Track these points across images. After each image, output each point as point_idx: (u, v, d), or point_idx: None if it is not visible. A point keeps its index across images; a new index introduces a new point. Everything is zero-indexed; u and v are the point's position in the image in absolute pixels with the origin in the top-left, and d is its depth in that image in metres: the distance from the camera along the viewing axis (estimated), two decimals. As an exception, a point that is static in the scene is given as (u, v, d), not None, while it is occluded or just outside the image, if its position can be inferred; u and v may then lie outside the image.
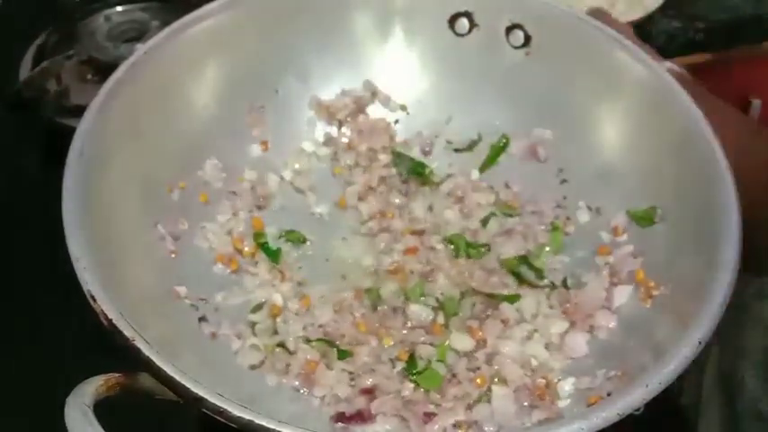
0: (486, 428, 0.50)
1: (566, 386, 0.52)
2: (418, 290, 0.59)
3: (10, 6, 0.88)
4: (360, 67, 0.69)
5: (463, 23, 0.67)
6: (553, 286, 0.59)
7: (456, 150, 0.68)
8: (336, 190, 0.66)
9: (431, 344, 0.56)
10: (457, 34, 0.68)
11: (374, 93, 0.69)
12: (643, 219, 0.59)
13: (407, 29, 0.68)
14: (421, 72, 0.69)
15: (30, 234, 0.68)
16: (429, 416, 0.50)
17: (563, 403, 0.51)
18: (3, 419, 0.57)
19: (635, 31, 0.69)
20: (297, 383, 0.53)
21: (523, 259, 0.60)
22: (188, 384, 0.43)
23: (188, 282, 0.57)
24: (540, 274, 0.60)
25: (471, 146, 0.67)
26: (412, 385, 0.53)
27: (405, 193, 0.66)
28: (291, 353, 0.55)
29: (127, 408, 0.45)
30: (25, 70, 0.79)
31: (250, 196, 0.64)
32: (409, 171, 0.66)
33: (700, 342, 0.46)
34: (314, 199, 0.65)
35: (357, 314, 0.57)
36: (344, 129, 0.68)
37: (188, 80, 0.62)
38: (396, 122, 0.69)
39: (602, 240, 0.60)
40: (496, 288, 0.59)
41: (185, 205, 0.60)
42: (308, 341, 0.55)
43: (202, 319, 0.56)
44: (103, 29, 0.84)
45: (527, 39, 0.66)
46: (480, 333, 0.56)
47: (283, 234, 0.62)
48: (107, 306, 0.46)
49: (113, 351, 0.45)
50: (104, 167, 0.54)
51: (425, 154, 0.68)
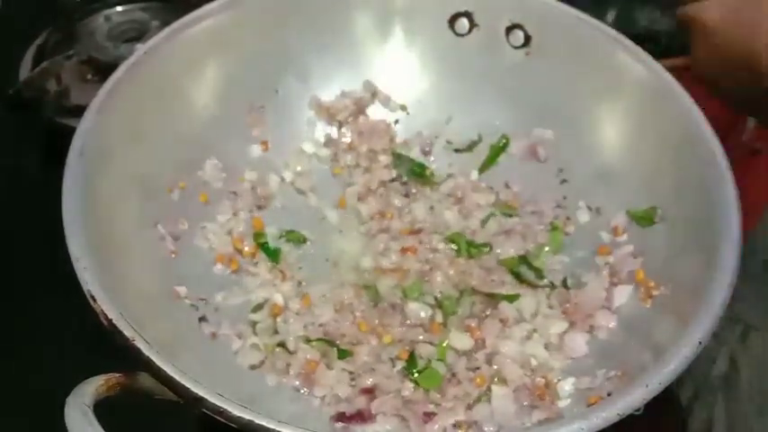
0: (485, 428, 0.50)
1: (566, 386, 0.52)
2: (417, 288, 0.59)
3: (10, 6, 0.88)
4: (360, 67, 0.69)
5: (463, 23, 0.67)
6: (553, 286, 0.59)
7: (456, 150, 0.68)
8: (336, 190, 0.66)
9: (430, 343, 0.56)
10: (457, 34, 0.68)
11: (374, 93, 0.69)
12: (643, 219, 0.59)
13: (407, 29, 0.68)
14: (421, 72, 0.69)
15: (30, 234, 0.68)
16: (429, 415, 0.50)
17: (563, 403, 0.51)
18: (3, 419, 0.57)
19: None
20: (297, 383, 0.53)
21: (523, 259, 0.60)
22: (188, 384, 0.43)
23: (188, 282, 0.57)
24: (540, 274, 0.60)
25: (471, 146, 0.67)
26: (412, 385, 0.53)
27: (405, 194, 0.66)
28: (291, 353, 0.55)
29: (127, 408, 0.45)
30: (25, 70, 0.79)
31: (250, 196, 0.64)
32: (409, 172, 0.66)
33: (700, 342, 0.46)
34: (314, 199, 0.65)
35: (357, 313, 0.57)
36: (345, 130, 0.68)
37: (188, 80, 0.62)
38: (396, 122, 0.69)
39: (602, 240, 0.60)
40: (496, 287, 0.59)
41: (185, 205, 0.60)
42: (309, 341, 0.55)
43: (202, 319, 0.56)
44: (103, 29, 0.84)
45: (527, 39, 0.66)
46: (479, 332, 0.56)
47: (283, 234, 0.62)
48: (107, 306, 0.46)
49: (113, 351, 0.45)
50: (104, 167, 0.54)
51: (425, 154, 0.68)
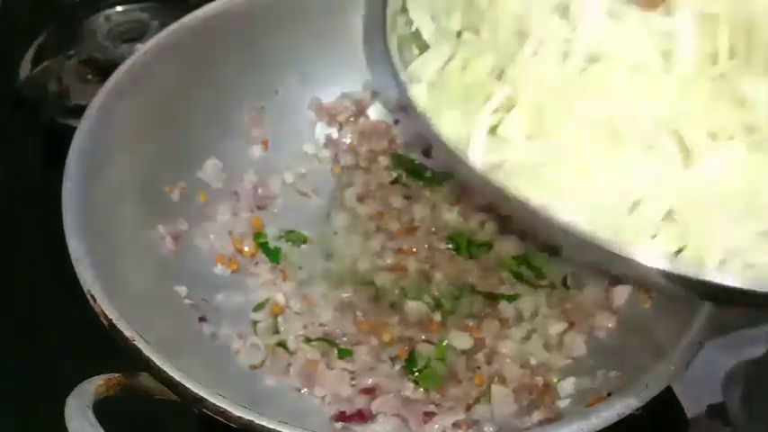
0: (485, 428, 0.50)
1: (566, 386, 0.52)
2: (416, 287, 0.59)
3: (10, 6, 0.88)
4: (360, 68, 0.69)
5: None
6: (553, 286, 0.59)
7: (456, 151, 0.67)
8: (336, 191, 0.66)
9: (430, 342, 0.56)
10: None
11: (374, 93, 0.69)
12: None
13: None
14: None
15: (30, 234, 0.68)
16: (429, 415, 0.51)
17: (563, 403, 0.51)
18: (3, 419, 0.57)
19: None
20: (297, 383, 0.53)
21: (523, 259, 0.60)
22: (188, 384, 0.43)
23: (188, 282, 0.57)
24: (540, 274, 0.60)
25: (471, 146, 0.67)
26: (412, 385, 0.53)
27: (405, 195, 0.66)
28: (292, 353, 0.55)
29: (127, 408, 0.45)
30: (25, 70, 0.79)
31: (250, 196, 0.64)
32: (409, 173, 0.66)
33: (700, 342, 0.46)
34: (314, 199, 0.65)
35: (357, 312, 0.57)
36: (345, 130, 0.68)
37: (188, 80, 0.62)
38: (396, 123, 0.69)
39: (602, 240, 0.60)
40: (495, 287, 0.59)
41: (185, 205, 0.61)
42: (309, 340, 0.56)
43: (202, 319, 0.56)
44: (103, 29, 0.84)
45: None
46: (479, 332, 0.56)
47: (283, 234, 0.62)
48: (107, 306, 0.46)
49: (113, 351, 0.45)
50: (104, 167, 0.54)
51: (425, 155, 0.68)
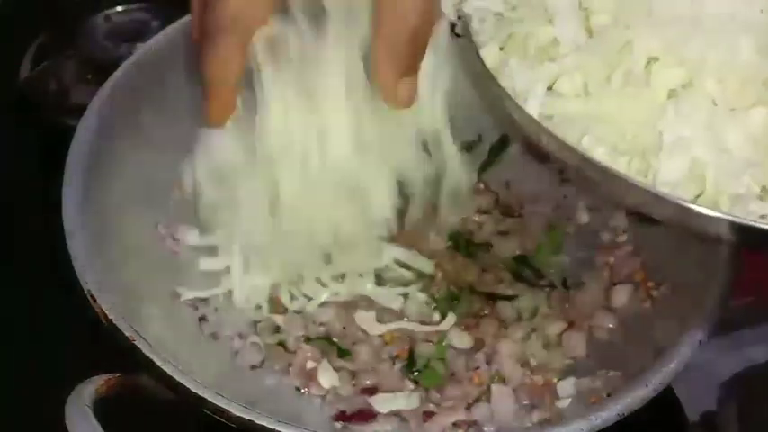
0: (485, 428, 0.50)
1: (566, 386, 0.52)
2: (416, 286, 0.58)
3: (10, 6, 0.88)
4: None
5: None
6: (552, 286, 0.59)
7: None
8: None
9: (430, 342, 0.56)
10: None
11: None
12: (643, 219, 0.59)
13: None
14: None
15: (30, 234, 0.68)
16: (429, 415, 0.51)
17: (563, 403, 0.51)
18: (3, 419, 0.57)
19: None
20: (297, 383, 0.53)
21: (523, 259, 0.60)
22: (188, 384, 0.43)
23: (188, 282, 0.57)
24: (540, 274, 0.60)
25: (471, 146, 0.67)
26: (412, 384, 0.53)
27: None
28: (292, 352, 0.55)
29: (127, 408, 0.45)
30: (25, 70, 0.79)
31: (250, 196, 0.63)
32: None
33: (700, 342, 0.46)
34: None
35: (358, 312, 0.57)
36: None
37: (188, 80, 0.62)
38: (395, 122, 0.69)
39: (602, 240, 0.60)
40: (495, 287, 0.59)
41: (185, 205, 0.60)
42: (309, 340, 0.56)
43: (202, 319, 0.56)
44: (103, 29, 0.84)
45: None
46: (478, 332, 0.56)
47: (283, 234, 0.62)
48: (107, 306, 0.46)
49: (113, 351, 0.45)
50: (104, 167, 0.54)
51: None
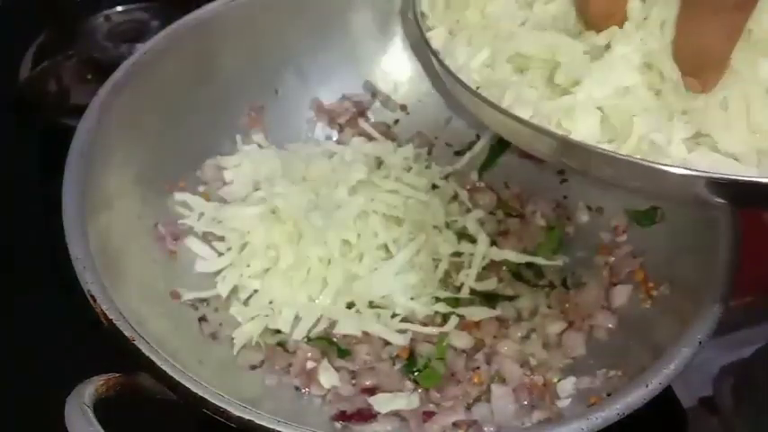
0: (485, 428, 0.50)
1: (566, 386, 0.52)
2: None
3: (10, 6, 0.88)
4: (360, 68, 0.69)
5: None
6: (552, 286, 0.59)
7: (456, 153, 0.67)
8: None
9: (430, 342, 0.56)
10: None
11: (374, 93, 0.69)
12: (643, 219, 0.59)
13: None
14: (421, 72, 0.69)
15: (30, 234, 0.68)
16: (429, 415, 0.51)
17: (563, 403, 0.51)
18: (3, 419, 0.57)
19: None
20: (297, 383, 0.53)
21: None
22: (188, 384, 0.43)
23: (188, 282, 0.57)
24: (540, 274, 0.60)
25: (471, 146, 0.67)
26: (412, 384, 0.53)
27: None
28: (292, 352, 0.55)
29: (127, 408, 0.45)
30: (25, 70, 0.79)
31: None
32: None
33: (700, 342, 0.46)
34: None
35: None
36: (345, 132, 0.68)
37: (188, 80, 0.62)
38: (396, 123, 0.69)
39: (602, 240, 0.60)
40: (495, 287, 0.59)
41: (185, 205, 0.60)
42: (309, 340, 0.55)
43: (202, 319, 0.55)
44: (103, 29, 0.84)
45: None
46: (478, 331, 0.56)
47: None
48: (107, 306, 0.46)
49: (113, 351, 0.45)
50: (104, 167, 0.54)
51: (428, 153, 0.68)
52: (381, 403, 0.51)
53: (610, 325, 0.55)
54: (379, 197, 0.60)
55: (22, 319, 0.63)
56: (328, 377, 0.53)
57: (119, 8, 0.86)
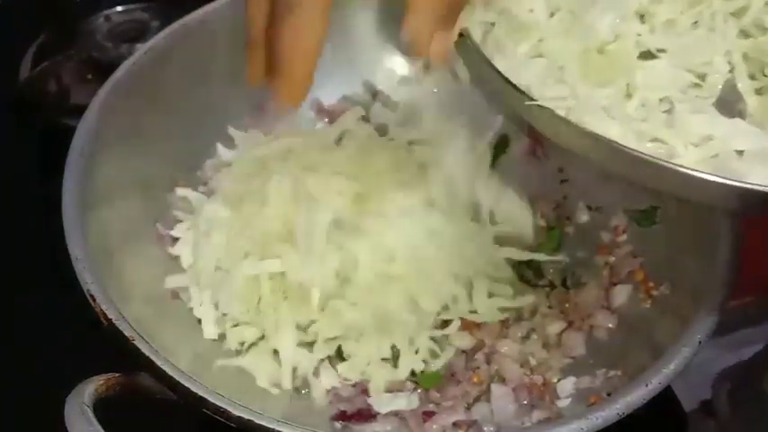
0: (485, 428, 0.50)
1: (566, 386, 0.52)
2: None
3: (10, 6, 0.88)
4: (360, 68, 0.69)
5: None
6: (552, 286, 0.59)
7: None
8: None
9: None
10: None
11: (374, 93, 0.69)
12: (643, 219, 0.59)
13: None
14: (421, 72, 0.69)
15: (30, 234, 0.68)
16: (428, 415, 0.51)
17: (563, 403, 0.51)
18: (3, 419, 0.57)
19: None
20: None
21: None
22: (188, 384, 0.43)
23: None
24: (540, 274, 0.60)
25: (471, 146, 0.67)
26: (412, 384, 0.53)
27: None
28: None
29: (127, 408, 0.45)
30: (25, 70, 0.79)
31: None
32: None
33: (700, 341, 0.46)
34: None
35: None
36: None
37: (188, 80, 0.62)
38: (396, 123, 0.69)
39: (602, 240, 0.60)
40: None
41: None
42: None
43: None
44: (103, 29, 0.84)
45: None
46: (478, 331, 0.56)
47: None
48: (107, 306, 0.46)
49: (113, 351, 0.45)
50: (104, 167, 0.54)
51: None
52: (381, 403, 0.51)
53: (610, 325, 0.55)
54: None
55: (22, 319, 0.63)
56: (328, 377, 0.53)
57: (119, 8, 0.86)
